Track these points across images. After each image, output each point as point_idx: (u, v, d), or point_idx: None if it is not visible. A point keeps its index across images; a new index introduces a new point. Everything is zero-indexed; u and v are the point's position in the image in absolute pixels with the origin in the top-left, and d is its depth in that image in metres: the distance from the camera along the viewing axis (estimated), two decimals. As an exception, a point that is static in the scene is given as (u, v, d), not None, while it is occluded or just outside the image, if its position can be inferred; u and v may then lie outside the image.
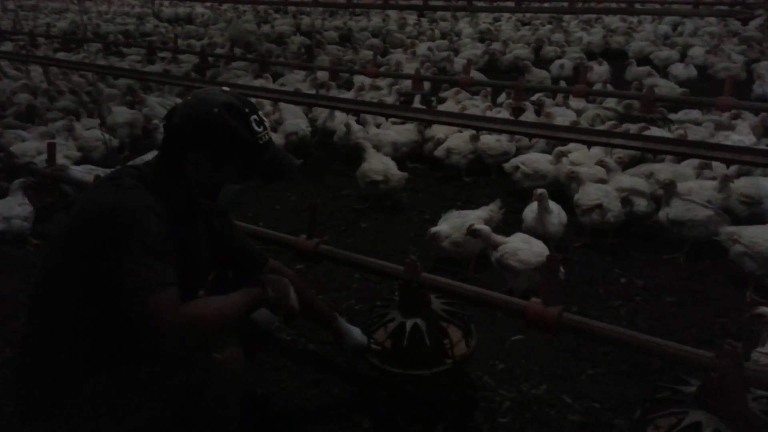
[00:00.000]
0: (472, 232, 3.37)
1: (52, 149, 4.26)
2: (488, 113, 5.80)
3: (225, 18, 16.08)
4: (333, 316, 2.51)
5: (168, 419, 1.82)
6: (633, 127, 5.17)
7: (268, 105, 6.40)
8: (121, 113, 6.32)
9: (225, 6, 18.10)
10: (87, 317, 1.72)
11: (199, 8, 18.36)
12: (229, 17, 15.91)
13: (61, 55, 10.28)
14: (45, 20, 15.51)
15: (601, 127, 5.27)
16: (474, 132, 5.18)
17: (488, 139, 5.28)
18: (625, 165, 4.52)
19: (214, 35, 12.81)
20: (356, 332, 2.52)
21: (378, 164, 4.76)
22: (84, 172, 4.47)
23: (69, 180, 4.27)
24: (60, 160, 4.55)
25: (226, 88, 1.89)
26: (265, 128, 1.84)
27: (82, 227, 1.70)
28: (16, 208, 4.06)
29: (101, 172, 4.33)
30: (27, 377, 1.81)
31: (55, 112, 6.64)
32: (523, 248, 3.31)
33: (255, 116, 1.81)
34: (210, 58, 9.68)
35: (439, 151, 5.33)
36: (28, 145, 5.22)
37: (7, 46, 11.31)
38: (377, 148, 5.17)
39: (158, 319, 1.59)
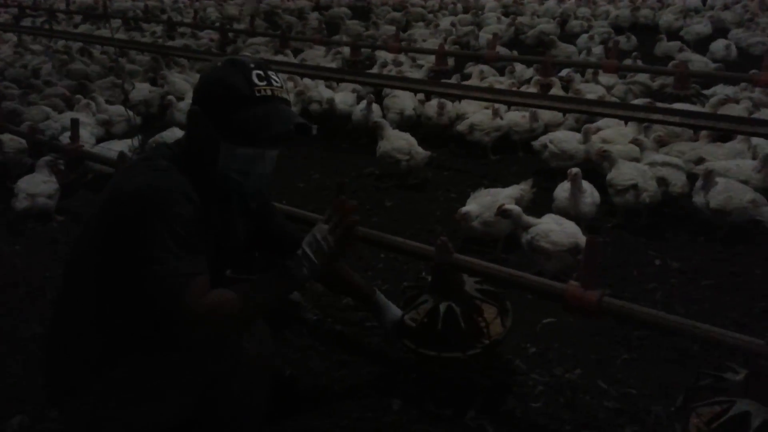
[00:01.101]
0: (502, 212, 3.28)
1: (75, 125, 4.23)
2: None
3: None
4: (372, 290, 2.46)
5: (194, 406, 1.80)
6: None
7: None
8: (140, 90, 6.28)
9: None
10: (116, 300, 1.69)
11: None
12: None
13: (82, 30, 10.26)
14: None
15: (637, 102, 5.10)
16: (496, 107, 5.06)
17: (514, 116, 5.15)
18: (664, 145, 4.36)
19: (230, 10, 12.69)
20: (395, 309, 2.46)
21: (401, 142, 4.67)
22: (108, 149, 4.45)
23: (92, 157, 4.24)
24: (84, 136, 4.53)
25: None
26: (269, 84, 1.71)
27: (114, 209, 1.66)
28: (40, 185, 4.05)
29: (125, 148, 4.28)
30: (55, 359, 1.80)
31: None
32: (555, 229, 3.21)
33: (260, 71, 1.71)
34: (230, 34, 9.58)
35: (462, 126, 5.22)
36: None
37: (27, 23, 11.31)
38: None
39: (182, 309, 1.57)
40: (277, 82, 1.74)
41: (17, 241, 3.91)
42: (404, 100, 5.74)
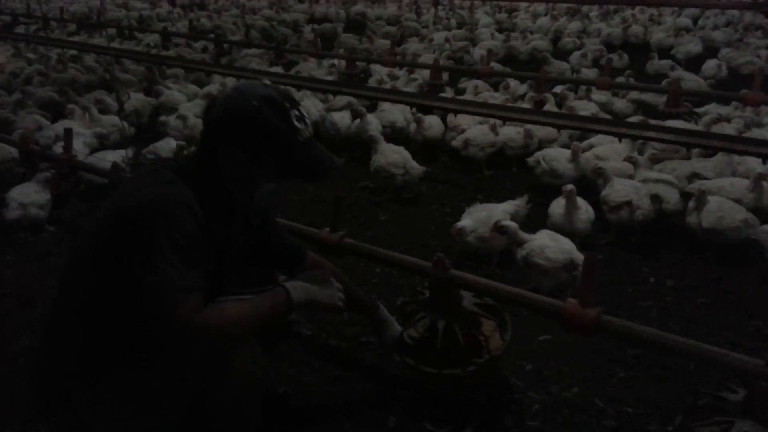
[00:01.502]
0: (499, 228, 3.27)
1: (68, 135, 4.19)
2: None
3: (238, 4, 15.97)
4: (375, 306, 2.45)
5: (182, 420, 1.77)
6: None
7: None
8: (134, 100, 6.26)
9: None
10: (110, 312, 1.67)
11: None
12: (242, 3, 15.81)
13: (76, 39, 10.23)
14: (58, 4, 15.45)
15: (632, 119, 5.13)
16: (494, 122, 5.08)
17: (509, 131, 5.17)
18: (658, 162, 4.39)
19: (227, 21, 12.70)
20: (396, 325, 2.46)
21: (395, 156, 4.67)
22: (100, 159, 4.41)
23: (85, 167, 4.20)
24: (77, 146, 4.49)
25: (267, 81, 1.82)
26: (306, 125, 1.76)
27: (118, 218, 1.64)
28: (32, 195, 4.00)
29: (119, 159, 4.26)
30: (44, 371, 1.77)
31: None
32: (551, 246, 3.21)
33: (296, 111, 1.74)
34: (225, 45, 9.58)
35: (457, 142, 5.23)
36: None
37: (20, 30, 11.27)
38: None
39: (173, 323, 1.56)
40: (308, 119, 1.79)
41: (8, 251, 3.86)
42: (394, 113, 5.76)
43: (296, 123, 1.72)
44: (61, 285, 1.82)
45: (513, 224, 3.30)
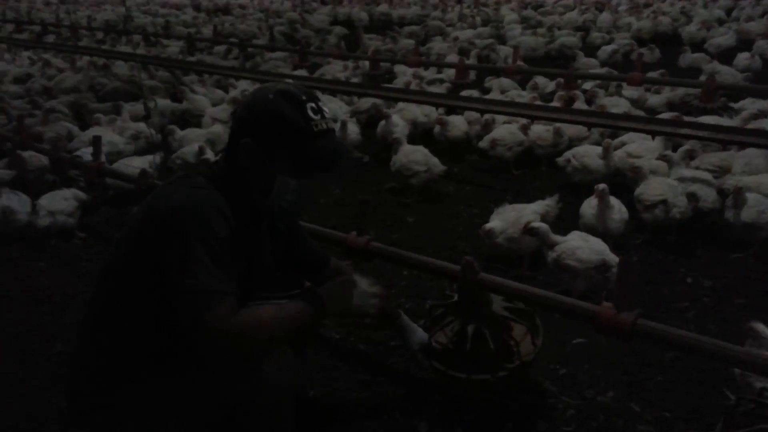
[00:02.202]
0: (529, 230, 3.21)
1: (97, 142, 4.24)
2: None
3: (262, 8, 16.10)
4: (397, 313, 2.40)
5: (215, 427, 1.77)
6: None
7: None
8: (161, 106, 6.32)
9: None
10: (144, 318, 1.68)
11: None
12: (266, 7, 15.93)
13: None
14: (86, 12, 15.75)
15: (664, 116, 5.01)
16: (524, 122, 5.01)
17: (538, 130, 5.09)
18: (693, 158, 4.26)
19: (251, 25, 12.80)
20: (421, 331, 2.41)
21: (416, 154, 4.66)
22: (127, 166, 4.46)
23: (113, 174, 4.25)
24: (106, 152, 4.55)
25: (289, 81, 1.81)
26: (323, 117, 1.73)
27: (151, 224, 1.64)
28: (61, 202, 4.05)
29: (146, 165, 4.29)
30: (79, 377, 1.78)
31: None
32: (582, 247, 3.14)
33: (312, 104, 1.72)
34: (249, 49, 9.64)
35: (484, 142, 5.16)
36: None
37: (50, 39, 11.50)
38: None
39: (206, 327, 1.55)
40: (327, 113, 1.77)
41: (41, 257, 3.92)
42: (413, 110, 5.73)
43: (312, 114, 1.71)
44: (95, 291, 1.82)
45: (544, 226, 3.23)
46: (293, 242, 2.08)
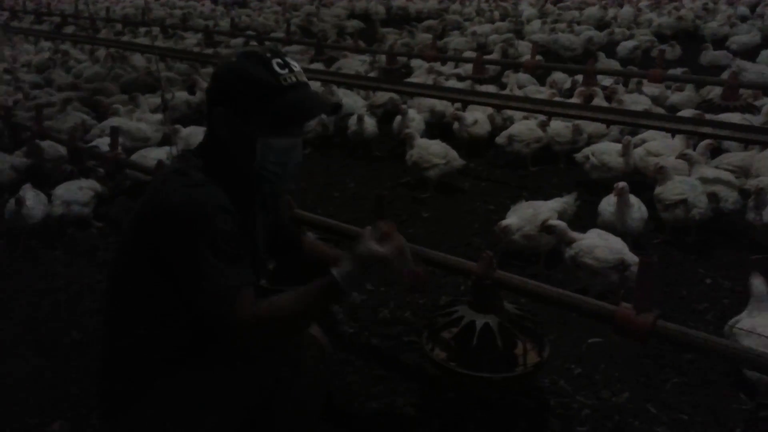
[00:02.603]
0: (546, 228, 3.18)
1: (115, 134, 4.26)
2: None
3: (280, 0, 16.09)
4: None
5: (250, 417, 1.78)
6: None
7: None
8: (178, 98, 6.34)
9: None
10: (167, 309, 1.65)
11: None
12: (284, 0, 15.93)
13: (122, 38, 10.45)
14: (104, 4, 15.85)
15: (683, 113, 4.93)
16: (543, 118, 4.96)
17: (557, 126, 5.04)
18: (714, 152, 4.17)
19: (269, 18, 12.81)
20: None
21: (435, 147, 4.66)
22: (144, 157, 4.48)
23: (131, 165, 4.27)
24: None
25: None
26: (291, 71, 1.67)
27: (152, 223, 1.61)
28: (76, 192, 4.07)
29: (163, 156, 4.31)
30: (108, 374, 1.76)
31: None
32: (600, 245, 3.09)
33: (278, 59, 1.67)
34: (266, 42, 9.64)
35: (501, 138, 5.12)
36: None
37: (70, 30, 11.59)
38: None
39: (233, 321, 1.54)
40: (296, 67, 1.71)
41: (57, 246, 3.95)
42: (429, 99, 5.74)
43: (278, 69, 1.65)
44: (109, 287, 1.79)
45: (562, 223, 3.20)
46: (275, 219, 2.01)
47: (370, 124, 5.51)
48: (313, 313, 1.68)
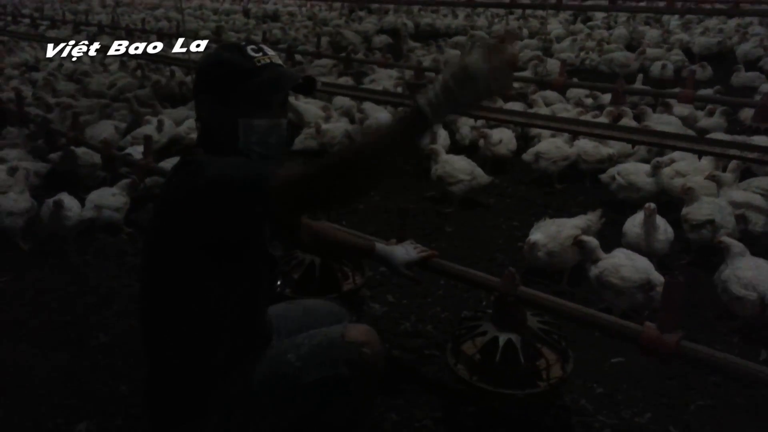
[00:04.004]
0: (578, 243, 3.17)
1: (148, 142, 4.36)
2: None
3: (310, 14, 16.32)
4: (372, 245, 2.38)
5: (311, 413, 1.84)
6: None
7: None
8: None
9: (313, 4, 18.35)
10: (218, 303, 1.68)
11: (286, 6, 18.71)
12: (314, 13, 16.15)
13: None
14: (140, 15, 16.24)
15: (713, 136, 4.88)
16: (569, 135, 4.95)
17: (585, 144, 5.02)
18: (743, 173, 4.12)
19: (299, 32, 12.99)
20: (400, 250, 2.38)
21: (462, 162, 4.68)
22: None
23: (162, 172, 4.35)
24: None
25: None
26: (265, 54, 1.75)
27: (181, 205, 1.61)
28: (109, 197, 4.16)
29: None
30: (162, 385, 1.77)
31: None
32: (626, 264, 3.07)
33: (253, 46, 1.76)
34: (296, 55, 9.77)
35: (528, 155, 5.12)
36: None
37: (106, 41, 11.88)
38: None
39: (277, 185, 1.47)
40: (270, 51, 1.78)
41: (88, 251, 4.04)
42: None
43: (252, 53, 1.73)
44: (145, 296, 1.77)
45: (593, 240, 3.19)
46: None
47: None
48: (385, 152, 1.41)
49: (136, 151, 4.63)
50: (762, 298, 2.94)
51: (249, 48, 1.74)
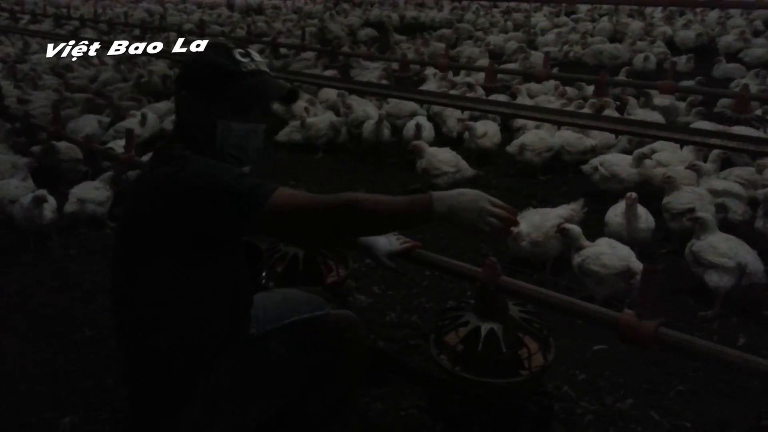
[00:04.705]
0: (561, 230, 3.21)
1: (130, 136, 4.33)
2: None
3: (295, 8, 16.25)
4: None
5: (296, 401, 1.86)
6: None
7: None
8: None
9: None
10: (197, 293, 1.66)
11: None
12: (298, 6, 16.08)
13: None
14: (122, 9, 16.08)
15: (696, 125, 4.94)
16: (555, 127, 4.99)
17: (568, 135, 5.06)
18: (723, 162, 4.18)
19: (284, 25, 12.93)
20: (383, 240, 2.36)
21: (446, 155, 4.70)
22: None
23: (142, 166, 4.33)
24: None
25: None
26: (252, 59, 1.76)
27: (164, 197, 1.60)
28: (92, 191, 4.13)
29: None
30: (145, 375, 1.72)
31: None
32: (607, 252, 3.12)
33: (240, 50, 1.77)
34: (280, 48, 9.73)
35: (512, 147, 5.15)
36: None
37: (89, 34, 11.75)
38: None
39: (279, 207, 1.52)
40: (257, 57, 1.79)
41: (72, 245, 4.02)
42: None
43: (240, 57, 1.73)
44: (121, 296, 1.75)
45: (576, 228, 3.23)
46: None
47: (387, 128, 5.61)
48: (393, 215, 1.64)
49: (118, 145, 4.61)
50: (743, 265, 3.06)
51: (237, 52, 1.74)
